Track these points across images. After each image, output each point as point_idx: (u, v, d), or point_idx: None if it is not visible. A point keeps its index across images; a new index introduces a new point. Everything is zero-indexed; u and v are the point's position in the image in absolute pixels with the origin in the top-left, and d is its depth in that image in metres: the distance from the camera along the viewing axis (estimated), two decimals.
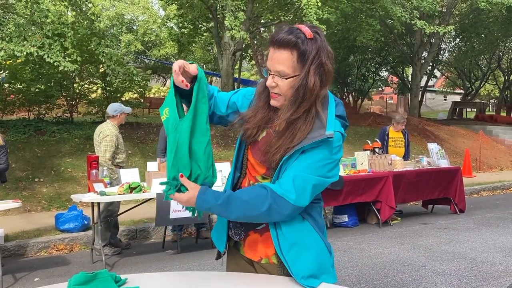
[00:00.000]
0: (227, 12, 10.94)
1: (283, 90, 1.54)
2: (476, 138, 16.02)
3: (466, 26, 20.74)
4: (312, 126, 1.52)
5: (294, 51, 1.50)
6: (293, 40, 1.49)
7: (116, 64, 10.14)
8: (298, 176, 1.49)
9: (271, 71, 1.55)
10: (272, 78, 1.55)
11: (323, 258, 1.62)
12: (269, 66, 1.55)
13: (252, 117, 1.64)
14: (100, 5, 26.80)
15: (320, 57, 1.52)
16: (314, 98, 1.52)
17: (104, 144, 5.60)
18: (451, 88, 35.32)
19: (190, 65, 1.53)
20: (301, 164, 1.49)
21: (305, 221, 1.59)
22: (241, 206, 1.50)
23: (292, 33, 1.51)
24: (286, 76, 1.52)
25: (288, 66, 1.51)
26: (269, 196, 1.48)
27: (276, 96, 1.57)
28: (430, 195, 7.46)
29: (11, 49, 8.51)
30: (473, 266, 4.73)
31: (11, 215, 7.07)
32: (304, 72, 1.51)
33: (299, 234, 1.57)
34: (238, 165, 1.72)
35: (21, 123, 10.67)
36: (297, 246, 1.56)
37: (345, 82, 25.71)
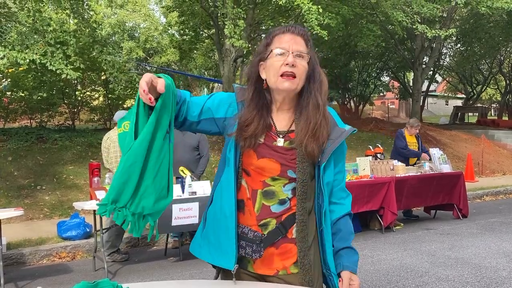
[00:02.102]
0: (227, 20, 10.97)
1: (300, 71, 1.59)
2: (478, 142, 15.99)
3: (467, 31, 20.76)
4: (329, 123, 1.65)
5: (307, 42, 1.63)
6: (306, 33, 1.64)
7: (118, 72, 10.17)
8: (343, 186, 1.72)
9: (290, 51, 1.59)
10: (293, 57, 1.58)
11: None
12: (288, 47, 1.59)
13: (249, 123, 1.60)
14: (102, 13, 26.92)
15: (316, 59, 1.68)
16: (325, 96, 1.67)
17: (114, 150, 5.63)
18: (453, 92, 35.31)
19: (158, 80, 1.42)
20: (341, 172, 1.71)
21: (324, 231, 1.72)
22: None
23: (302, 28, 1.65)
24: (306, 59, 1.60)
25: (305, 51, 1.61)
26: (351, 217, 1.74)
27: (292, 78, 1.58)
28: (434, 200, 7.43)
29: (14, 56, 8.54)
30: (476, 272, 4.71)
31: (13, 223, 7.07)
32: (318, 66, 1.65)
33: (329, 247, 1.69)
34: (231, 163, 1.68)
35: (23, 131, 10.69)
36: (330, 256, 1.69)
37: (346, 88, 25.71)
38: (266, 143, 1.62)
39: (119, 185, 1.43)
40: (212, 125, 1.66)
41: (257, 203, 1.63)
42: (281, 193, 1.61)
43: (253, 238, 1.60)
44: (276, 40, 1.61)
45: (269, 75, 1.60)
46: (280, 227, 1.61)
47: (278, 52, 1.58)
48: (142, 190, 1.44)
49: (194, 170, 5.87)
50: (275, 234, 1.60)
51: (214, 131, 1.67)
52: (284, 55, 1.57)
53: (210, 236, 1.71)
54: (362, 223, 7.07)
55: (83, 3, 11.26)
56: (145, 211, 1.46)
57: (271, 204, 1.62)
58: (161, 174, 1.47)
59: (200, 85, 29.97)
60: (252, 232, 1.61)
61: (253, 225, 1.63)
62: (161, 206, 1.49)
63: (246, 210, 1.65)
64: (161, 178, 1.47)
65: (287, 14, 14.49)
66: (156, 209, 1.48)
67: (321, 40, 17.63)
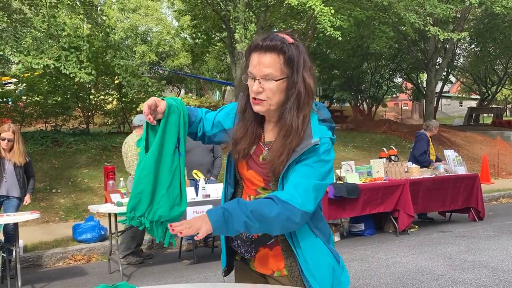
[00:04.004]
0: (238, 24, 11.00)
1: (270, 94, 1.56)
2: (493, 144, 15.77)
3: (481, 31, 20.52)
4: (304, 134, 1.56)
5: (280, 55, 1.55)
6: (278, 45, 1.55)
7: (131, 76, 10.25)
8: (298, 183, 1.53)
9: (256, 77, 1.56)
10: (259, 84, 1.56)
11: (335, 271, 1.67)
12: (255, 71, 1.56)
13: (242, 136, 1.66)
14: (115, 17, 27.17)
15: (307, 62, 1.59)
16: (313, 101, 1.60)
17: (132, 154, 5.69)
18: (467, 93, 34.90)
19: (161, 103, 1.61)
20: (298, 173, 1.54)
21: (317, 239, 1.64)
22: (253, 214, 1.48)
23: (275, 38, 1.56)
24: (276, 78, 1.55)
25: (276, 69, 1.55)
26: (277, 203, 1.50)
27: (260, 102, 1.58)
28: (453, 205, 7.31)
29: (29, 61, 8.66)
30: (494, 275, 4.64)
31: (29, 226, 7.15)
32: (299, 77, 1.56)
33: (315, 255, 1.62)
34: (230, 181, 1.76)
35: (38, 135, 10.82)
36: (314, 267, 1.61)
37: (359, 89, 25.58)
38: (253, 155, 1.68)
39: (136, 195, 1.62)
40: (225, 136, 1.76)
41: None
42: None
43: (245, 239, 1.68)
44: (250, 59, 1.60)
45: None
46: None
47: (249, 76, 1.59)
48: (157, 200, 1.62)
49: (212, 171, 6.25)
50: (265, 237, 1.66)
51: (228, 140, 1.75)
52: (252, 79, 1.58)
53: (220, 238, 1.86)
54: (376, 225, 7.02)
55: (97, 8, 11.38)
56: (162, 219, 1.62)
57: None
58: (174, 184, 1.64)
59: (212, 88, 30.08)
60: (245, 233, 1.67)
61: None
62: (176, 213, 1.64)
63: None
64: (174, 188, 1.64)
65: (299, 17, 14.49)
66: (172, 216, 1.63)
67: (334, 42, 17.64)
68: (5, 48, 8.48)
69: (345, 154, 12.87)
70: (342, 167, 6.88)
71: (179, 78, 27.45)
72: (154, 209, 1.61)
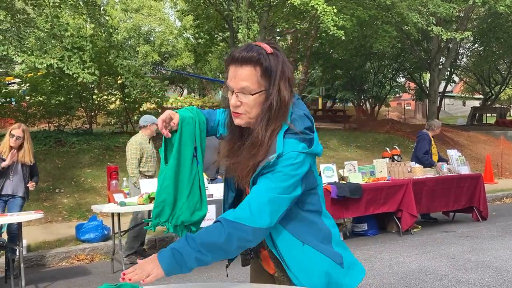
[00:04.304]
0: (241, 24, 11.01)
1: (247, 107, 1.53)
2: (497, 143, 15.73)
3: (484, 31, 20.47)
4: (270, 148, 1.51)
5: (257, 67, 1.51)
6: (255, 56, 1.50)
7: (134, 76, 10.27)
8: (252, 198, 1.49)
9: (234, 90, 1.53)
10: (236, 97, 1.53)
11: (332, 276, 1.60)
12: (232, 84, 1.54)
13: (229, 150, 1.65)
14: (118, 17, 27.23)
15: (286, 72, 1.54)
16: (287, 113, 1.53)
17: (131, 153, 5.76)
18: (470, 93, 34.83)
19: (175, 116, 1.70)
20: (256, 187, 1.51)
21: (305, 246, 1.59)
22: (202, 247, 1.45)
23: (253, 49, 1.52)
24: (252, 92, 1.51)
25: (252, 82, 1.51)
26: (224, 226, 1.46)
27: (239, 115, 1.55)
28: (457, 205, 7.30)
29: (32, 61, 8.69)
30: (498, 276, 4.63)
31: (32, 226, 7.17)
32: (275, 88, 1.51)
33: (302, 264, 1.58)
34: (231, 186, 1.75)
35: (42, 135, 10.85)
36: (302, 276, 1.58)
37: (362, 89, 25.56)
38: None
39: (159, 204, 1.77)
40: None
41: None
42: None
43: None
44: (228, 71, 1.57)
45: None
46: None
47: (228, 89, 1.57)
48: (179, 207, 1.76)
49: (220, 170, 6.25)
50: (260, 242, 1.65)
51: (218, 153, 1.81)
52: (231, 92, 1.56)
53: None
54: (379, 225, 7.01)
55: (100, 8, 11.40)
56: (184, 223, 1.78)
57: None
58: (193, 191, 1.77)
59: (215, 88, 30.09)
60: None
61: None
62: (198, 217, 1.79)
63: None
64: (194, 195, 1.78)
65: (302, 16, 14.47)
66: (193, 220, 1.78)
67: (337, 42, 17.63)
68: (9, 48, 8.51)
69: (348, 154, 12.86)
70: (345, 167, 6.87)
71: (181, 78, 27.49)
72: (176, 215, 1.76)
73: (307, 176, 1.54)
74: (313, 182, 1.60)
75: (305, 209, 1.60)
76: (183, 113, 1.72)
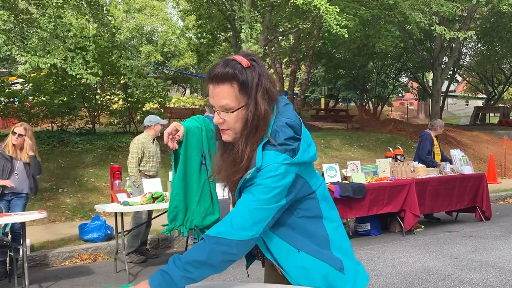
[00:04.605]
0: (244, 24, 11.01)
1: (231, 124, 1.54)
2: (500, 143, 15.69)
3: (487, 30, 20.42)
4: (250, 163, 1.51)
5: (234, 83, 1.49)
6: (230, 72, 1.49)
7: (137, 76, 10.29)
8: (234, 211, 1.50)
9: (215, 108, 1.54)
10: (218, 115, 1.54)
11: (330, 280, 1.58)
12: (213, 103, 1.54)
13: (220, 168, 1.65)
14: (120, 17, 27.27)
15: (263, 84, 1.52)
16: (267, 126, 1.52)
17: (132, 152, 5.81)
18: (473, 93, 34.74)
19: (180, 128, 1.77)
20: (239, 201, 1.52)
21: (301, 253, 1.58)
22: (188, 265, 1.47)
23: (228, 65, 1.50)
24: (232, 109, 1.51)
25: (231, 99, 1.50)
26: (206, 242, 1.47)
27: (225, 131, 1.57)
28: (459, 204, 7.28)
29: (36, 61, 8.71)
30: (501, 276, 4.62)
31: (36, 225, 7.19)
32: (252, 102, 1.50)
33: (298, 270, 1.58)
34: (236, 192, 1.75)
35: (45, 135, 10.88)
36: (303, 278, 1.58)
37: (365, 89, 25.55)
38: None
39: (173, 210, 1.91)
40: None
41: None
42: None
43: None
44: (208, 89, 1.57)
45: None
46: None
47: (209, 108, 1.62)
48: (191, 212, 1.91)
49: None
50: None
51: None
52: (213, 110, 1.58)
53: None
54: (382, 225, 7.00)
55: (103, 9, 11.42)
56: (198, 227, 1.93)
57: None
58: (203, 198, 1.90)
59: None
60: None
61: None
62: (209, 221, 1.92)
63: None
64: (204, 201, 1.90)
65: (305, 16, 14.47)
66: (205, 224, 1.92)
67: (339, 41, 17.62)
68: (12, 48, 8.53)
69: (350, 154, 12.85)
70: (348, 166, 6.87)
71: (184, 78, 27.53)
72: (190, 219, 1.92)
73: (295, 185, 1.51)
74: (307, 189, 1.57)
75: (301, 216, 1.58)
76: (188, 124, 1.80)
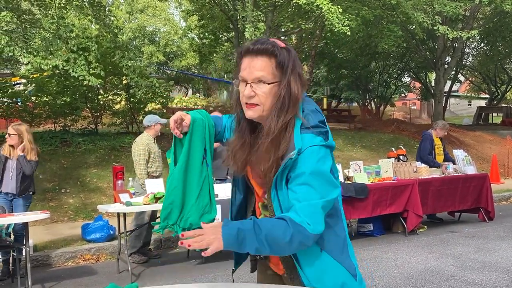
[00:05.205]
0: (248, 23, 11.01)
1: (262, 98, 1.53)
2: (503, 143, 15.63)
3: (490, 30, 20.37)
4: (288, 144, 1.50)
5: (272, 58, 1.53)
6: (270, 48, 1.53)
7: (139, 77, 10.29)
8: (304, 206, 1.45)
9: (248, 81, 1.53)
10: (251, 88, 1.53)
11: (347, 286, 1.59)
12: (246, 75, 1.54)
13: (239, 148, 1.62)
14: (123, 18, 27.30)
15: (296, 68, 1.56)
16: (297, 107, 1.54)
17: (138, 154, 5.73)
18: (476, 93, 34.67)
19: (186, 117, 1.68)
20: (301, 195, 1.46)
21: (323, 253, 1.56)
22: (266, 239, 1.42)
23: (267, 42, 1.55)
24: (268, 82, 1.52)
25: (268, 72, 1.52)
26: (290, 226, 1.43)
27: (254, 106, 1.54)
28: (463, 205, 7.26)
29: (38, 62, 8.72)
30: (505, 276, 4.60)
31: (38, 226, 7.20)
32: (286, 81, 1.53)
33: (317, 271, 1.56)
34: (240, 188, 1.74)
35: (47, 135, 10.89)
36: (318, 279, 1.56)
37: (367, 89, 25.51)
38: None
39: (167, 206, 1.74)
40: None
41: (261, 214, 1.71)
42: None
43: None
44: (241, 63, 1.57)
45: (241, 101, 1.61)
46: None
47: (241, 81, 1.56)
48: (187, 209, 1.74)
49: (230, 170, 6.20)
50: None
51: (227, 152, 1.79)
52: (244, 83, 1.55)
53: None
54: (385, 226, 6.98)
55: (105, 9, 11.43)
56: (193, 227, 1.72)
57: (269, 215, 1.66)
58: (203, 194, 1.74)
59: (220, 88, 30.11)
60: None
61: None
62: (206, 220, 1.74)
63: (257, 215, 1.74)
64: (203, 197, 1.75)
65: (307, 16, 14.46)
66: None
67: (342, 41, 17.60)
68: (15, 49, 8.54)
69: (353, 154, 12.83)
70: (351, 166, 6.85)
71: (186, 78, 27.53)
72: (185, 217, 1.74)
73: (333, 172, 1.54)
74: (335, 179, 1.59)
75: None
76: (194, 114, 1.72)
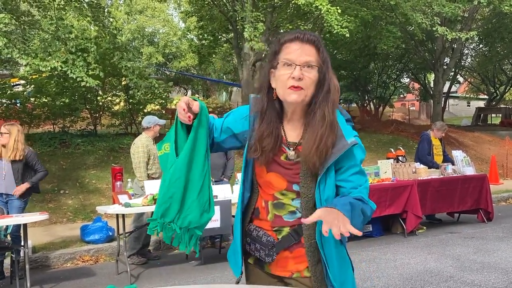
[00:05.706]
0: (247, 23, 11.01)
1: (308, 83, 1.55)
2: (502, 144, 15.65)
3: (489, 31, 20.41)
4: (336, 134, 1.57)
5: (318, 49, 1.58)
6: (316, 40, 1.58)
7: (138, 78, 10.29)
8: (362, 188, 1.60)
9: (296, 63, 1.55)
10: (300, 70, 1.54)
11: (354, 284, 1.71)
12: (295, 58, 1.55)
13: (267, 135, 1.61)
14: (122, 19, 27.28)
15: (330, 66, 1.63)
16: (336, 99, 1.62)
17: (138, 156, 5.70)
18: (475, 93, 34.72)
19: (194, 102, 1.55)
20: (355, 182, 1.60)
21: (342, 246, 1.67)
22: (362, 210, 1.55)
23: (312, 34, 1.61)
24: (316, 65, 1.56)
25: (316, 59, 1.57)
26: (365, 203, 1.57)
27: (299, 89, 1.55)
28: (462, 206, 7.26)
29: (36, 64, 8.71)
30: (504, 277, 4.60)
31: (37, 227, 7.19)
32: (329, 74, 1.59)
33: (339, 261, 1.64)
34: (247, 186, 1.72)
35: (46, 136, 10.89)
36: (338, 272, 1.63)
37: (366, 90, 25.51)
38: (275, 157, 1.64)
39: (166, 200, 1.56)
40: (236, 141, 1.73)
41: (270, 213, 1.68)
42: (290, 206, 1.66)
43: (265, 243, 1.65)
44: (284, 49, 1.58)
45: (277, 86, 1.59)
46: (292, 233, 1.65)
47: (285, 63, 1.56)
48: (188, 205, 1.57)
49: (225, 172, 6.30)
50: (288, 240, 1.65)
51: (239, 145, 1.74)
52: (291, 67, 1.55)
53: (233, 241, 1.80)
54: (384, 227, 6.98)
55: (104, 10, 11.43)
56: (191, 225, 1.58)
57: (282, 214, 1.67)
58: (204, 189, 1.59)
59: (219, 89, 30.12)
60: (266, 237, 1.65)
61: (268, 229, 1.68)
62: (205, 219, 1.61)
63: (261, 216, 1.71)
64: (204, 193, 1.59)
65: (306, 17, 14.46)
66: (201, 222, 1.60)
67: (340, 43, 17.60)
68: (13, 51, 8.53)
69: None
70: None
71: (185, 79, 27.52)
72: (183, 215, 1.57)
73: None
74: None
75: None
76: (201, 103, 1.61)
